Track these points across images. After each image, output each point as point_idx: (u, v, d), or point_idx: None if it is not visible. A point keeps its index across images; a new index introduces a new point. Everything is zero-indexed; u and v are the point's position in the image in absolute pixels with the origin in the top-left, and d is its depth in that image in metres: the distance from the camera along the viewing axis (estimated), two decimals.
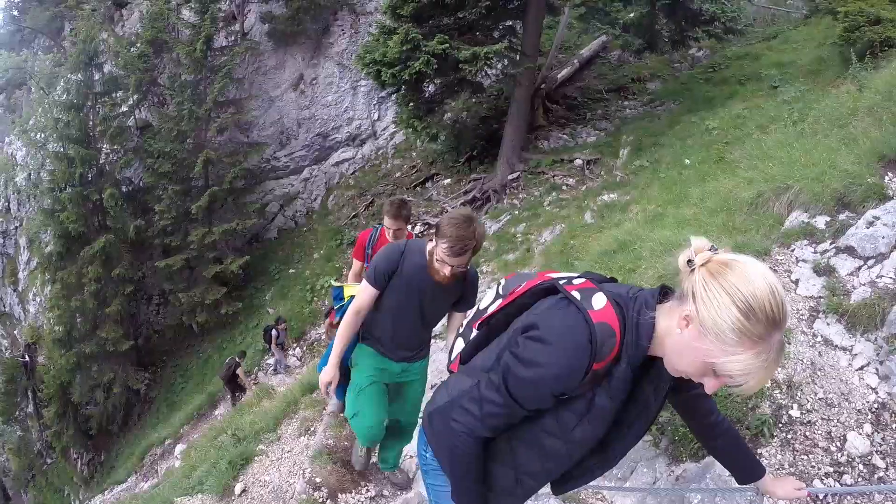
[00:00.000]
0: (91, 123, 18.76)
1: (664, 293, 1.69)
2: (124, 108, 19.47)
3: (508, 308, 1.85)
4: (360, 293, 3.36)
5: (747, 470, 2.10)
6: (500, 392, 1.68)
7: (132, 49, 19.28)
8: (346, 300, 4.12)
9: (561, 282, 1.75)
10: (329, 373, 3.41)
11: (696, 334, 1.45)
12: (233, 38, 19.94)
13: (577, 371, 1.58)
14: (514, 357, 1.66)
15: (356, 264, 4.90)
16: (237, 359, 14.05)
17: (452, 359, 2.06)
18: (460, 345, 2.05)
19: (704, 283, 1.43)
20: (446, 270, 3.01)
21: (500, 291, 2.01)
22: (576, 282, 1.73)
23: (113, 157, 19.27)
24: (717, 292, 1.41)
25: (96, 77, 19.09)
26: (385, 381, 3.65)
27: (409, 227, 4.63)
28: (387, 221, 4.40)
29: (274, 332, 14.30)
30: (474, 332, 1.98)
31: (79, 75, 18.69)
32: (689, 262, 1.50)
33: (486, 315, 1.94)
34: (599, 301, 1.62)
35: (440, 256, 2.97)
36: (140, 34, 19.67)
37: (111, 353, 17.78)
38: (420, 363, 3.80)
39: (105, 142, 18.76)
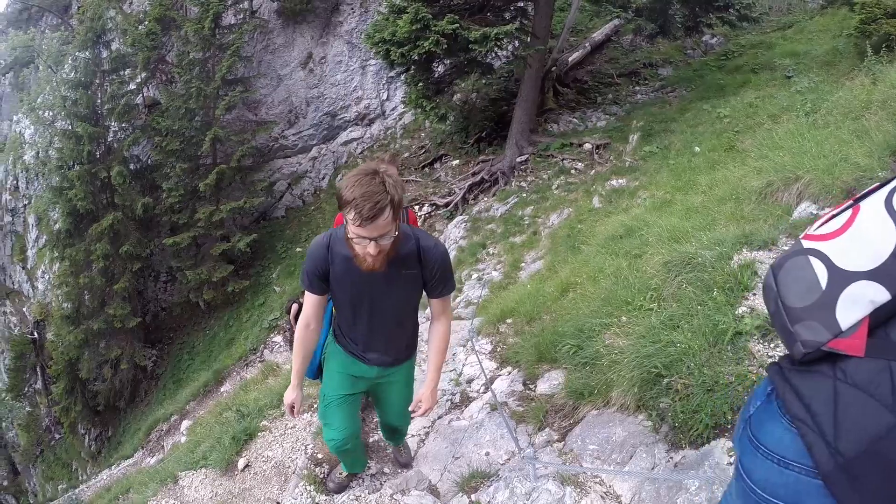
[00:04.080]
0: (99, 101, 18.75)
1: None
2: (132, 86, 19.43)
3: None
4: (305, 303, 2.91)
5: None
6: None
7: (140, 27, 19.20)
8: None
9: None
10: (290, 395, 3.10)
11: None
12: (241, 15, 19.84)
13: None
14: None
15: None
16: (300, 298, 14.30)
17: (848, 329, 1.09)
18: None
19: None
20: (370, 250, 2.42)
21: None
22: None
23: (121, 135, 19.27)
24: None
25: (104, 55, 19.06)
26: (360, 388, 3.21)
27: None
28: None
29: None
30: None
31: (87, 53, 18.66)
32: None
33: None
34: None
35: (353, 233, 2.39)
36: (148, 12, 19.58)
37: (119, 329, 17.94)
38: (400, 366, 3.23)
39: (113, 119, 18.74)
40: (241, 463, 5.05)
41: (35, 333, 22.04)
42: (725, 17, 15.19)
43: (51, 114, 19.74)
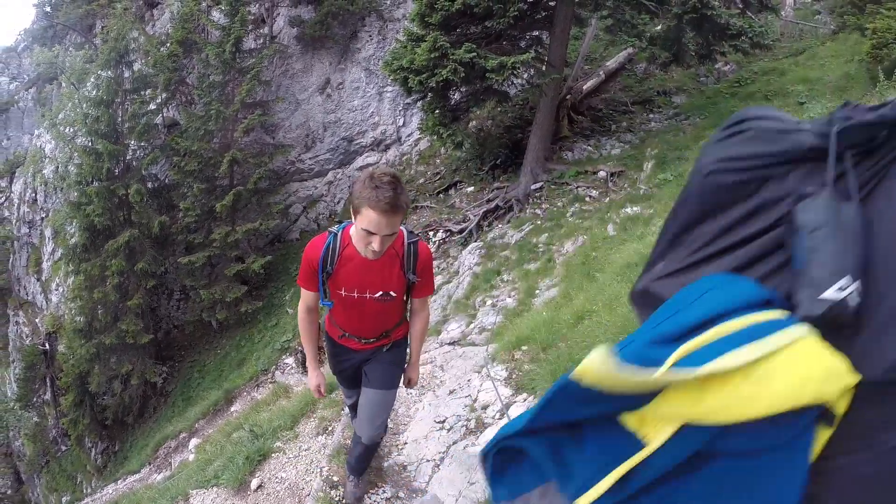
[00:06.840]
0: (119, 119, 19.02)
1: None
2: (153, 106, 19.75)
3: None
4: None
5: None
6: None
7: (162, 48, 19.58)
8: None
9: None
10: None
11: None
12: (261, 40, 20.17)
13: None
14: None
15: (306, 295, 3.25)
16: None
17: None
18: None
19: None
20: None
21: None
22: None
23: (140, 154, 19.53)
24: None
25: (126, 74, 19.38)
26: None
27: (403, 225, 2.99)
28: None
29: None
30: None
31: (109, 72, 18.97)
32: None
33: None
34: None
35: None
36: (170, 34, 19.97)
37: (131, 345, 18.03)
38: None
39: (133, 138, 19.01)
40: (254, 483, 5.06)
41: (46, 345, 22.20)
42: (738, 44, 15.20)
43: (72, 130, 20.03)
